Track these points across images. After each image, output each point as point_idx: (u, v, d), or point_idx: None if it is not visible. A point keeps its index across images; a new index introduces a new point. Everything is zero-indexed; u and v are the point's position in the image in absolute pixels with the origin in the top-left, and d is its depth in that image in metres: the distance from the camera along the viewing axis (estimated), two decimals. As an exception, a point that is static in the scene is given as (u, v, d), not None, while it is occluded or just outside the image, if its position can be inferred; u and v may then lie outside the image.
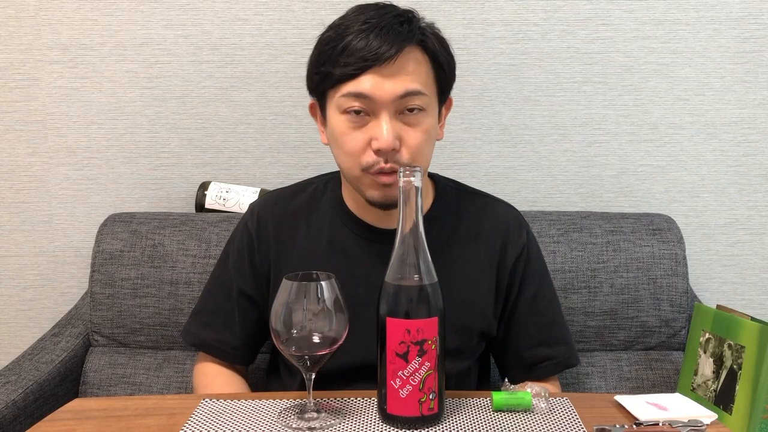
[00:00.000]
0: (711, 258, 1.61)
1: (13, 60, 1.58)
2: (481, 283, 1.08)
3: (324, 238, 1.08)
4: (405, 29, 0.95)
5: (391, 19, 0.95)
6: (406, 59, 0.95)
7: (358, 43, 0.93)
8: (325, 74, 0.96)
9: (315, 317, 0.82)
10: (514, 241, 1.10)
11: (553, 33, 1.55)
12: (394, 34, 0.94)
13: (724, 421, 1.03)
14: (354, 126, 0.96)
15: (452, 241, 1.08)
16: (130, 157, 1.60)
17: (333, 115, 0.99)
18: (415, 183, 0.83)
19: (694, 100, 1.57)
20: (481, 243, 1.09)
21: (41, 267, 1.64)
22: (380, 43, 0.93)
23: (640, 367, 1.40)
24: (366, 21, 0.95)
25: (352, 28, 0.95)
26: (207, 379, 1.12)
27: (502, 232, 1.10)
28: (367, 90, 0.94)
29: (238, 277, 1.11)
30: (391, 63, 0.93)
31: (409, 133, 0.96)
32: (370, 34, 0.93)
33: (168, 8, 1.55)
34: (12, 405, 1.21)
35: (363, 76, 0.94)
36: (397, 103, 0.95)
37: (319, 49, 0.98)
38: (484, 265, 1.08)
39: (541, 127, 1.58)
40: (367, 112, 0.96)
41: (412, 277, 0.83)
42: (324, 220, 1.10)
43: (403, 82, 0.94)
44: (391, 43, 0.93)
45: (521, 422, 0.85)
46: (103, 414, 0.88)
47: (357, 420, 0.85)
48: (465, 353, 1.08)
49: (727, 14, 1.54)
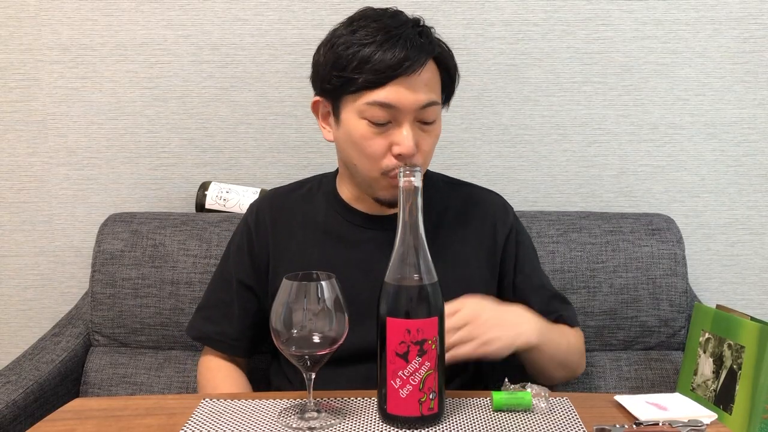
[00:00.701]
0: (711, 258, 1.61)
1: (14, 60, 1.58)
2: (472, 263, 1.13)
3: (319, 227, 1.13)
4: (426, 42, 1.00)
5: (410, 30, 1.00)
6: (426, 71, 1.00)
7: (384, 54, 0.97)
8: (347, 80, 0.99)
9: (315, 317, 0.82)
10: (502, 222, 1.17)
11: (553, 33, 1.55)
12: (418, 47, 0.98)
13: (723, 421, 1.03)
14: (376, 132, 1.00)
15: (442, 228, 1.12)
16: (130, 157, 1.60)
17: (351, 119, 1.01)
18: (415, 183, 0.83)
19: (694, 100, 1.57)
20: (470, 228, 1.14)
21: (42, 267, 1.64)
22: (406, 54, 0.97)
23: (639, 367, 1.40)
24: (387, 31, 0.98)
25: (375, 37, 0.98)
26: (210, 373, 1.16)
27: (489, 215, 1.16)
28: (392, 100, 0.98)
29: (238, 269, 1.15)
30: (416, 75, 0.98)
31: (425, 139, 1.03)
32: (396, 46, 0.97)
33: (168, 8, 1.55)
34: (12, 405, 1.21)
35: (389, 86, 0.98)
36: (418, 112, 1.00)
37: (338, 53, 1.00)
38: (475, 247, 1.13)
39: (540, 127, 1.58)
40: (389, 119, 1.00)
41: (412, 277, 0.83)
42: (319, 211, 1.14)
43: (425, 93, 1.00)
44: (417, 55, 0.97)
45: (521, 422, 0.85)
46: (104, 414, 0.88)
47: (357, 420, 0.85)
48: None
49: (727, 14, 1.54)
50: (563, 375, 1.16)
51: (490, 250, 1.15)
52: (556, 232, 1.43)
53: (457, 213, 1.15)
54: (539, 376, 1.12)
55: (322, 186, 1.18)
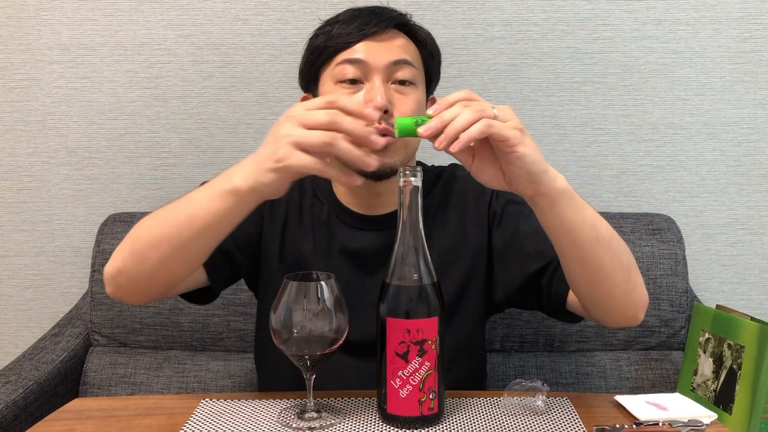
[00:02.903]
0: (711, 258, 1.61)
1: (14, 60, 1.58)
2: (463, 240, 1.08)
3: (315, 220, 1.09)
4: (396, 14, 1.04)
5: (380, 7, 1.05)
6: (398, 36, 1.03)
7: (353, 21, 1.01)
8: (321, 49, 1.02)
9: (315, 317, 0.82)
10: (479, 192, 1.10)
11: (552, 33, 1.55)
12: (387, 15, 1.03)
13: (723, 421, 1.03)
14: (349, 92, 1.00)
15: (427, 215, 1.05)
16: (130, 157, 1.60)
17: (327, 88, 1.03)
18: (415, 183, 0.83)
19: (694, 100, 1.57)
20: (452, 208, 1.11)
21: (41, 267, 1.64)
22: (373, 18, 1.01)
23: (639, 367, 1.40)
24: (357, 9, 1.04)
25: (345, 16, 1.03)
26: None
27: (469, 191, 1.11)
28: (361, 56, 0.99)
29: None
30: (383, 34, 1.01)
31: (402, 100, 1.01)
32: (362, 14, 1.02)
33: (168, 8, 1.55)
34: (12, 405, 1.21)
35: (358, 44, 1.00)
36: (390, 69, 1.00)
37: (312, 41, 1.06)
38: (453, 219, 1.09)
39: (540, 127, 1.58)
40: (361, 79, 1.00)
41: (412, 277, 0.83)
42: (315, 205, 1.11)
43: (396, 51, 1.01)
44: (384, 20, 1.01)
45: (521, 422, 0.85)
46: (103, 414, 0.88)
47: (357, 420, 0.85)
48: (463, 313, 1.08)
49: (727, 14, 1.54)
50: (623, 281, 0.91)
51: (477, 212, 1.10)
52: (556, 232, 1.43)
53: (440, 199, 1.11)
54: (595, 279, 0.89)
55: (318, 185, 1.13)
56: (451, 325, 1.05)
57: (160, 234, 0.90)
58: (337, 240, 1.08)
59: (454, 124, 0.77)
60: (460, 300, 1.08)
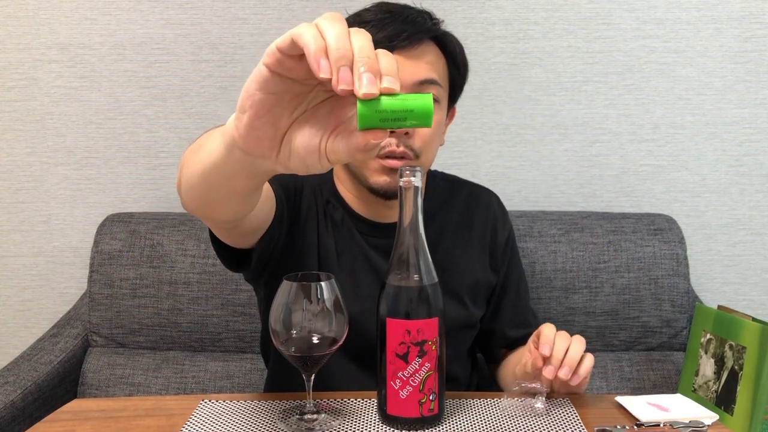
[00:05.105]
0: (712, 258, 1.60)
1: (12, 59, 1.57)
2: (477, 267, 1.12)
3: (337, 230, 1.06)
4: (428, 22, 0.98)
5: (413, 12, 0.98)
6: (427, 50, 0.97)
7: (384, 29, 0.94)
8: None
9: (315, 318, 0.81)
10: (502, 225, 1.16)
11: (553, 32, 1.55)
12: (418, 25, 0.96)
13: (725, 422, 1.03)
14: None
15: (446, 232, 1.11)
16: (129, 156, 1.60)
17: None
18: (415, 183, 0.82)
19: (696, 99, 1.56)
20: (473, 230, 1.13)
21: (40, 267, 1.63)
22: (404, 27, 0.94)
23: (641, 368, 1.40)
24: (388, 11, 0.97)
25: (377, 16, 0.96)
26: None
27: (491, 218, 1.15)
28: None
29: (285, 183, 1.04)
30: (414, 48, 0.95)
31: None
32: (396, 21, 0.95)
33: (167, 7, 1.55)
34: (11, 406, 1.21)
35: None
36: (415, 89, 0.95)
37: None
38: (478, 249, 1.12)
39: (541, 127, 1.58)
40: None
41: (412, 278, 0.82)
42: (332, 212, 1.07)
43: (424, 69, 0.96)
44: (416, 31, 0.95)
45: (522, 423, 0.85)
46: (102, 415, 0.88)
47: (357, 420, 0.85)
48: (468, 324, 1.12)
49: (729, 14, 1.53)
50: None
51: (493, 253, 1.14)
52: (558, 231, 1.43)
53: (460, 218, 1.13)
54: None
55: (325, 187, 1.10)
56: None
57: (194, 169, 0.76)
58: (355, 242, 1.07)
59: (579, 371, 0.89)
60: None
